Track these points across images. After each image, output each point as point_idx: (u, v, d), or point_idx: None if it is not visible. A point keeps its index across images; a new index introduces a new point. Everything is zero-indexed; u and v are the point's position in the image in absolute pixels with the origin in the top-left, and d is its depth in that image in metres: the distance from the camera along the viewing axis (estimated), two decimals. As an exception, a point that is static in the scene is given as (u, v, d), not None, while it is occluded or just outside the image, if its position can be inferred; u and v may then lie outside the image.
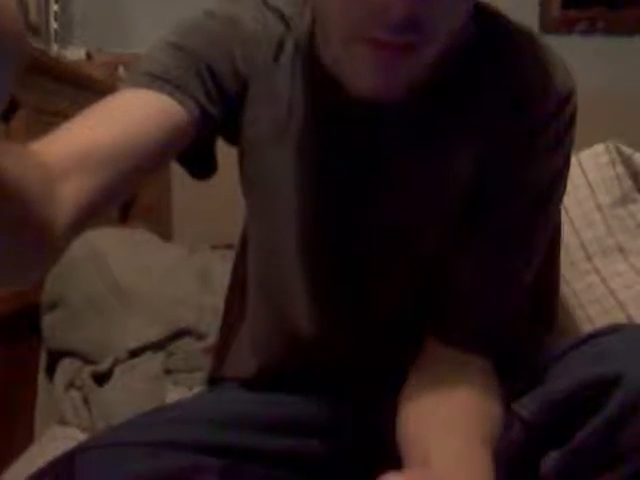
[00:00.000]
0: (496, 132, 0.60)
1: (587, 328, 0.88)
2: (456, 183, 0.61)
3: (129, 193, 0.59)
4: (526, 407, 0.57)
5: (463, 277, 0.62)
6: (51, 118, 1.20)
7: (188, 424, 0.66)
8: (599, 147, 1.02)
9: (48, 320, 1.05)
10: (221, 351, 0.80)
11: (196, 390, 0.96)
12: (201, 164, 0.67)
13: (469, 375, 0.59)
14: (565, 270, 0.92)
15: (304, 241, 0.66)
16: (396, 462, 0.58)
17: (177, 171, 1.31)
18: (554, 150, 0.61)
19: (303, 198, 0.65)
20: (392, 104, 0.58)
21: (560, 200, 0.65)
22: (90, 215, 0.51)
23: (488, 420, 0.56)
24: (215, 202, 1.49)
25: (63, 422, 0.95)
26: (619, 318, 0.87)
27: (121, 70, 1.74)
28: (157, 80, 0.58)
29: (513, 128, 0.60)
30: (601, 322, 0.87)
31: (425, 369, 0.61)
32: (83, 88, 1.36)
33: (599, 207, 0.96)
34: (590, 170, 0.99)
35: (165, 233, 1.59)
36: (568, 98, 0.61)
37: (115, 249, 1.11)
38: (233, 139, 0.68)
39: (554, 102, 0.60)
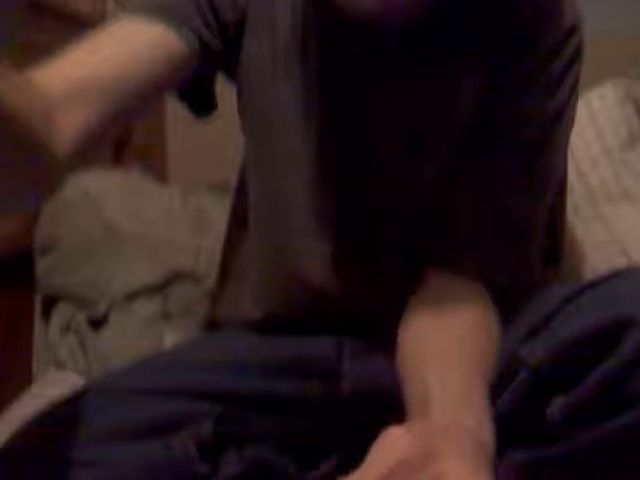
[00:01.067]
0: (501, 61, 0.59)
1: (589, 275, 0.86)
2: (458, 108, 0.61)
3: (127, 125, 0.61)
4: (534, 354, 0.56)
5: (466, 207, 0.61)
6: (35, 53, 1.15)
7: (186, 370, 0.66)
8: (608, 86, 0.98)
9: (42, 264, 1.04)
10: (219, 294, 0.79)
11: (193, 334, 0.95)
12: (201, 102, 0.66)
13: (467, 303, 0.58)
14: (568, 216, 0.91)
15: (307, 173, 0.65)
16: (394, 408, 0.59)
17: (171, 110, 1.28)
18: (559, 82, 0.60)
19: (304, 127, 0.63)
20: (393, 25, 0.57)
21: (567, 134, 0.64)
22: (89, 146, 0.52)
23: (486, 351, 0.56)
24: (211, 140, 1.46)
25: (60, 366, 0.95)
26: (622, 266, 0.85)
27: (111, 4, 1.66)
28: (155, 11, 0.57)
29: (518, 57, 0.59)
30: (603, 269, 0.83)
31: (423, 297, 0.60)
32: (68, 22, 1.31)
33: (606, 150, 0.93)
34: (598, 110, 0.96)
35: (160, 174, 1.57)
36: (574, 30, 0.60)
37: (109, 191, 1.09)
38: (232, 74, 0.66)
39: (561, 33, 0.59)
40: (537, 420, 0.55)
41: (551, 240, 0.71)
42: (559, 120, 0.61)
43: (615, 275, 0.57)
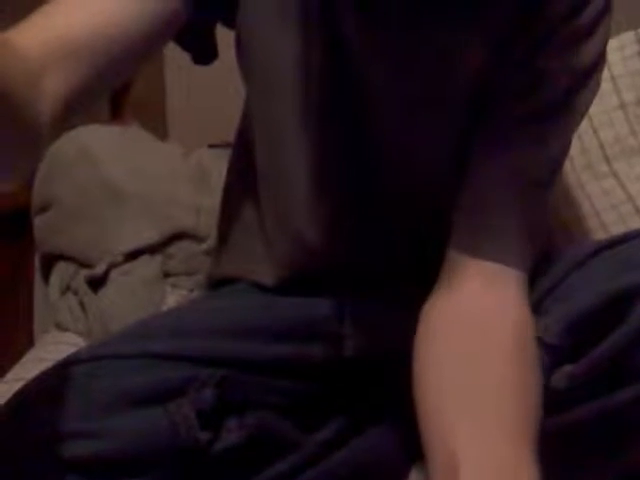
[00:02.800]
0: (521, 16, 0.56)
1: (601, 236, 0.84)
2: (460, 71, 0.58)
3: (117, 84, 0.57)
4: (550, 330, 0.54)
5: (479, 175, 0.58)
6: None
7: (186, 334, 0.64)
8: (628, 35, 0.93)
9: (39, 222, 1.03)
10: (220, 252, 0.78)
11: (196, 293, 0.94)
12: (202, 49, 0.63)
13: (502, 309, 0.54)
14: (581, 173, 0.88)
15: (308, 124, 0.63)
16: (396, 371, 0.57)
17: (170, 66, 1.24)
18: (581, 41, 0.56)
19: (305, 76, 0.61)
20: None
21: (591, 97, 0.60)
22: (76, 110, 0.50)
23: (530, 391, 0.51)
24: (211, 99, 1.43)
25: (60, 327, 0.94)
26: (636, 226, 0.82)
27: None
28: None
29: (540, 12, 0.56)
30: (616, 230, 0.82)
31: (446, 300, 0.56)
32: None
33: (622, 104, 0.89)
34: (615, 62, 0.91)
35: (160, 130, 1.54)
36: None
37: (107, 147, 1.06)
38: (231, 21, 0.63)
39: None
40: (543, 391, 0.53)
41: None
42: (582, 82, 0.58)
43: (633, 236, 0.55)
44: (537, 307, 0.56)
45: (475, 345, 0.53)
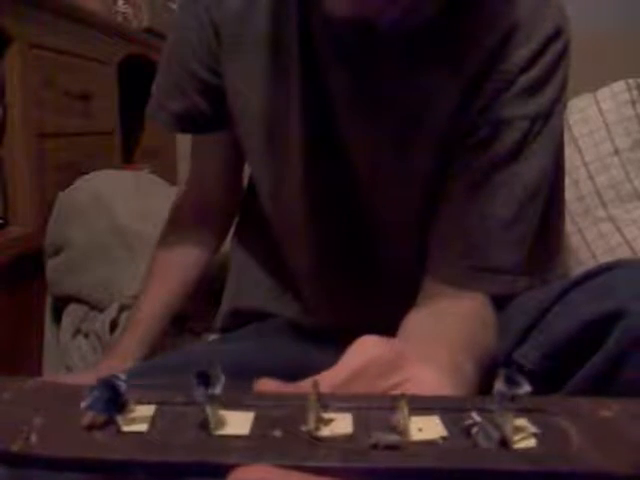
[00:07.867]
0: (484, 66, 0.58)
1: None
2: (442, 109, 0.60)
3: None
4: (527, 357, 0.56)
5: (452, 210, 0.61)
6: (45, 52, 1.15)
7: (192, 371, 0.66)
8: (619, 84, 0.97)
9: (52, 265, 1.04)
10: (231, 296, 0.81)
11: (204, 337, 0.96)
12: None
13: (464, 307, 0.58)
14: (578, 218, 0.90)
15: (297, 167, 0.66)
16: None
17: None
18: (538, 89, 0.59)
19: (287, 124, 0.65)
20: (388, 27, 0.57)
21: (555, 135, 0.62)
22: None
23: (479, 335, 0.55)
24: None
25: (70, 370, 0.95)
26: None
27: (120, 2, 1.66)
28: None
29: (492, 69, 0.58)
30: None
31: (421, 306, 0.60)
32: (79, 21, 1.31)
33: (617, 150, 0.92)
34: (608, 110, 0.95)
35: (170, 175, 1.57)
36: (556, 36, 0.58)
37: (119, 193, 1.09)
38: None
39: (537, 44, 0.58)
40: None
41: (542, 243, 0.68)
42: (542, 124, 0.60)
43: (613, 266, 0.55)
44: (520, 341, 0.58)
45: (434, 315, 0.57)
